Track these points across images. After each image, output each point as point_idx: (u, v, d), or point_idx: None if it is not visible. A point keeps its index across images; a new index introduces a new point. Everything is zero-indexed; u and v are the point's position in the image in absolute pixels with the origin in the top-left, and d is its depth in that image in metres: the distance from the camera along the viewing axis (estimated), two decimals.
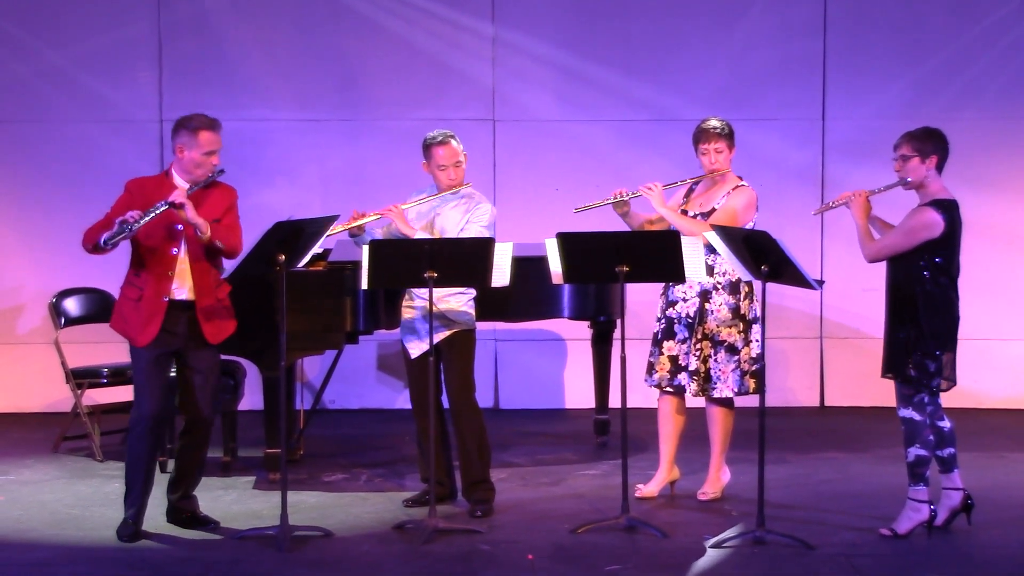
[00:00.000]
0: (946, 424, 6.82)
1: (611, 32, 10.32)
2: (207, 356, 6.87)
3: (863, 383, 10.13)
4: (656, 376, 7.49)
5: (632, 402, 7.34)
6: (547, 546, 6.70)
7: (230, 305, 6.90)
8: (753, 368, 7.36)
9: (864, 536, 6.83)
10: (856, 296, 10.12)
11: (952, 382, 6.75)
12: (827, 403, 10.47)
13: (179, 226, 6.72)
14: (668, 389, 7.50)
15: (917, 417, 6.75)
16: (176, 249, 6.73)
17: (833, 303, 10.36)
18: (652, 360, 7.51)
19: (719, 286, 7.39)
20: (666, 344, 7.48)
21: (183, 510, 7.03)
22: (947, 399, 6.88)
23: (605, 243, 6.95)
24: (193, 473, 7.02)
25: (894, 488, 7.36)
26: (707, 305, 7.40)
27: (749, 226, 7.33)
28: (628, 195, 7.41)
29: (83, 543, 6.79)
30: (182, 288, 6.74)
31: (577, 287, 8.46)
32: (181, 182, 6.75)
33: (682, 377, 7.44)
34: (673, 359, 7.46)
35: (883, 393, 8.08)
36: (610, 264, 6.88)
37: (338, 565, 6.44)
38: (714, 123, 7.45)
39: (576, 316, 8.72)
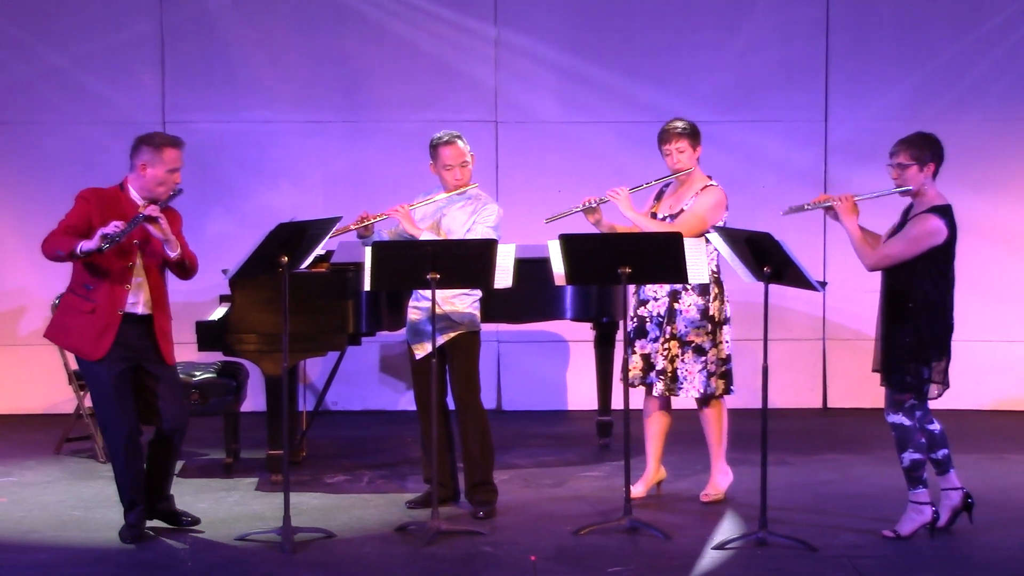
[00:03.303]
0: (936, 427, 6.82)
1: (614, 33, 10.31)
2: (170, 367, 6.83)
3: (865, 384, 10.05)
4: (630, 375, 7.47)
5: (634, 404, 7.34)
6: (549, 548, 6.71)
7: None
8: (721, 370, 7.37)
9: (866, 538, 6.83)
10: (858, 298, 10.08)
11: (945, 386, 6.75)
12: (829, 404, 10.47)
13: (135, 240, 6.67)
14: (641, 387, 7.50)
15: (907, 422, 6.74)
16: (132, 263, 6.68)
17: (835, 305, 10.35)
18: (625, 357, 7.49)
19: (689, 287, 7.38)
20: (638, 343, 7.49)
21: (160, 510, 7.00)
22: (946, 400, 6.88)
23: (608, 244, 6.95)
24: (166, 481, 6.97)
25: (896, 490, 7.35)
26: (676, 305, 7.40)
27: (720, 224, 7.31)
28: (596, 201, 7.40)
29: (85, 545, 6.80)
30: (137, 303, 6.71)
31: (579, 288, 8.46)
32: (138, 199, 6.70)
33: (654, 375, 7.45)
34: (645, 357, 7.47)
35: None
36: (612, 265, 6.88)
37: (340, 566, 6.45)
38: (674, 123, 7.45)
39: (579, 317, 8.71)
